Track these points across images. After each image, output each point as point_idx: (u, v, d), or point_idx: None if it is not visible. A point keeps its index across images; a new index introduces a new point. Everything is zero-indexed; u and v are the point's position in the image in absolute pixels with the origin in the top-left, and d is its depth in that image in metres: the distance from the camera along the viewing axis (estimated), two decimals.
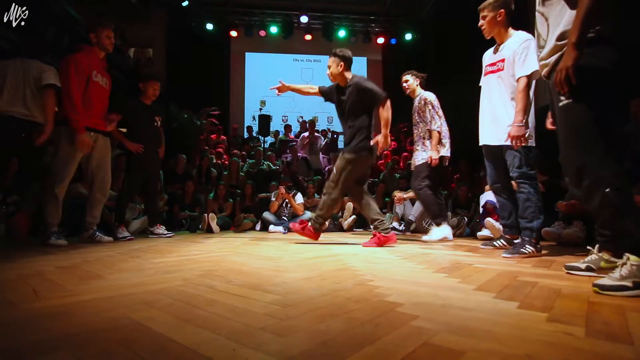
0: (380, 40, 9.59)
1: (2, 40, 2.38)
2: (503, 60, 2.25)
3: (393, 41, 9.68)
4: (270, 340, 0.69)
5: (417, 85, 3.41)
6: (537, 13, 1.55)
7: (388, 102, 2.70)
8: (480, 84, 2.45)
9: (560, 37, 1.41)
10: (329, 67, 2.82)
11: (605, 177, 1.26)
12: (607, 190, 1.25)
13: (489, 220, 3.32)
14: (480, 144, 2.40)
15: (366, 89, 2.71)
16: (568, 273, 1.47)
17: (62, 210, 3.71)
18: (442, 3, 8.38)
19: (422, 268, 1.62)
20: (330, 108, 3.14)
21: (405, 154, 6.98)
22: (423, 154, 3.25)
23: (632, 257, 1.15)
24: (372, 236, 2.73)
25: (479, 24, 2.30)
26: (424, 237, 3.16)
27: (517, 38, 2.19)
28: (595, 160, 1.29)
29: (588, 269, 1.42)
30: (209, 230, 4.22)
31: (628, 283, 1.10)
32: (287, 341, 0.69)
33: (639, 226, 1.22)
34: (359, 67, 10.21)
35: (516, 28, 2.28)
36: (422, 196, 3.24)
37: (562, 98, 1.36)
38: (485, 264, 1.75)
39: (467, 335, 0.74)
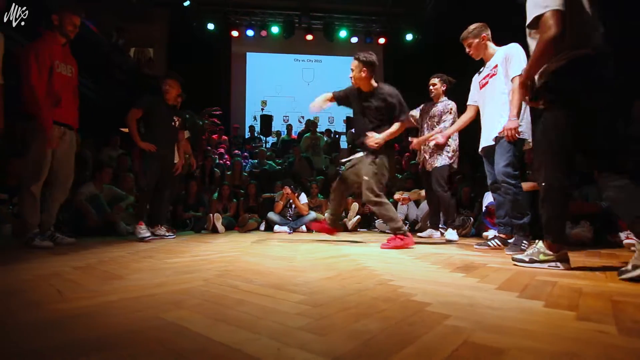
0: (382, 40, 9.62)
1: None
2: (496, 67, 2.42)
3: (394, 41, 9.69)
4: (312, 340, 0.70)
5: (443, 90, 3.55)
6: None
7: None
8: (472, 102, 2.73)
9: None
10: (352, 70, 2.76)
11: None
12: None
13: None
14: (480, 147, 2.56)
15: (396, 106, 2.71)
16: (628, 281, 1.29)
17: (67, 210, 3.71)
18: (443, 3, 8.42)
19: (438, 268, 1.63)
20: (331, 109, 3.27)
21: (408, 154, 7.00)
22: (444, 158, 3.41)
23: None
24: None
25: (467, 51, 2.56)
26: (447, 236, 3.29)
27: (505, 47, 2.41)
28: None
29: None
30: (214, 231, 4.22)
31: None
32: (329, 340, 0.70)
33: None
34: None
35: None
36: (445, 199, 3.42)
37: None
38: (499, 264, 1.76)
39: (502, 333, 0.75)
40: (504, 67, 2.34)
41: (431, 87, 3.56)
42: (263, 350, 0.65)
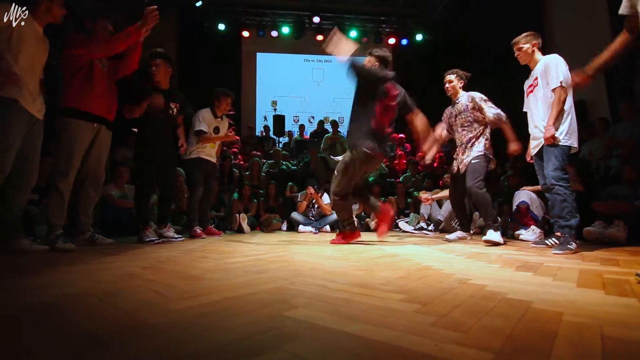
0: (392, 40, 9.66)
1: None
2: (536, 79, 2.55)
3: (404, 42, 9.73)
4: (459, 337, 0.73)
5: (460, 87, 3.31)
6: None
7: None
8: (525, 109, 2.75)
9: None
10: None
11: None
12: None
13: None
14: (532, 154, 2.68)
15: None
16: None
17: (96, 210, 3.72)
18: (453, 4, 8.45)
19: (500, 267, 1.66)
20: (341, 109, 3.51)
21: (421, 153, 7.02)
22: (477, 151, 3.13)
23: None
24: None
25: (515, 54, 2.66)
26: (490, 238, 2.88)
27: (546, 57, 2.52)
28: None
29: None
30: (240, 231, 4.25)
31: None
32: (474, 336, 0.73)
33: None
34: None
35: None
36: (481, 197, 3.03)
37: None
38: (555, 263, 1.80)
39: (631, 328, 0.78)
40: (544, 78, 2.47)
41: (447, 86, 3.32)
42: (422, 346, 0.68)
